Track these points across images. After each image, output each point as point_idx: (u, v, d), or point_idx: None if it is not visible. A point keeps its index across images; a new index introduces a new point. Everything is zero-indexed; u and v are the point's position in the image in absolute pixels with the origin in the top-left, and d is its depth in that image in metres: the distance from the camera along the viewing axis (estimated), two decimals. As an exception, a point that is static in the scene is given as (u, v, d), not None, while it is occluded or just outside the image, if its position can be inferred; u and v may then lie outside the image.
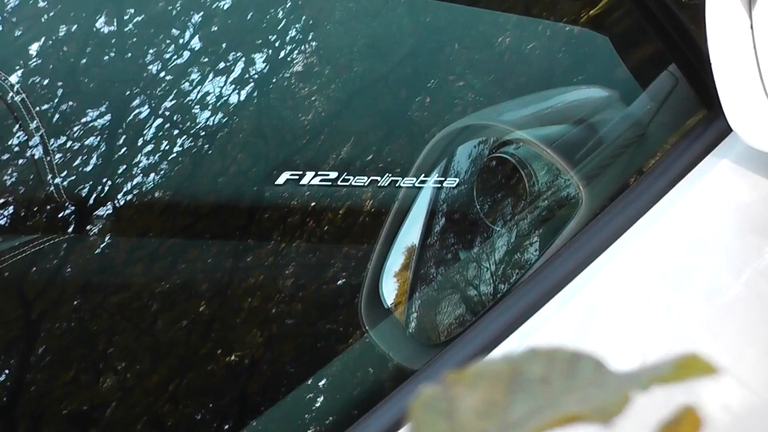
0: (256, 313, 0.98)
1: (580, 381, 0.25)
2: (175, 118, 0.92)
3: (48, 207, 0.88)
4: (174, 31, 0.91)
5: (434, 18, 1.08)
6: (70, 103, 0.87)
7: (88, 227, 0.89)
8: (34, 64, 0.85)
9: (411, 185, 1.03)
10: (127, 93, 0.90)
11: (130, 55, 0.91)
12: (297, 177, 0.95)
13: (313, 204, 0.99)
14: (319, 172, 0.96)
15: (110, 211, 0.89)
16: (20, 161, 0.86)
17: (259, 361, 0.98)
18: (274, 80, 0.99)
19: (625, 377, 0.24)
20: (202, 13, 0.93)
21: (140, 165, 0.91)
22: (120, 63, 0.91)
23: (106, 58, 0.90)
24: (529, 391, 0.24)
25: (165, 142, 0.91)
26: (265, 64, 0.97)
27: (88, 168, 0.89)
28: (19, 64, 0.84)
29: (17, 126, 0.85)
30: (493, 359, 0.25)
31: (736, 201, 0.93)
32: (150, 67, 0.91)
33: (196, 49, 0.94)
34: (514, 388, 0.24)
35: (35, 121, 0.86)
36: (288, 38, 0.98)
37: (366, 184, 0.99)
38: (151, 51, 0.91)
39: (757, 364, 0.90)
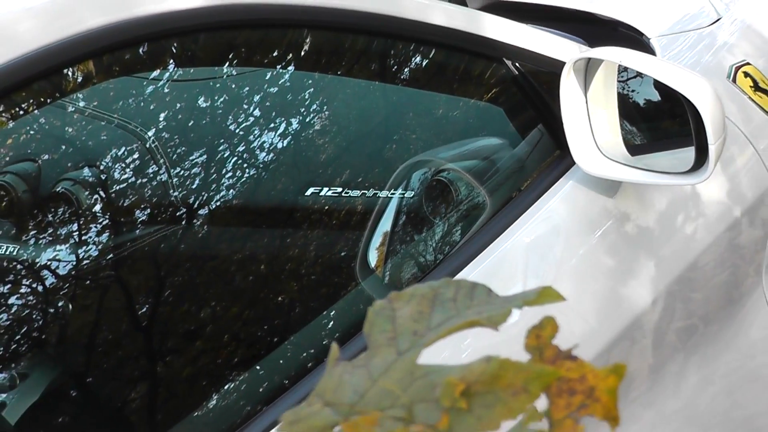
0: (292, 272, 1.07)
1: (476, 301, 0.29)
2: (244, 156, 1.02)
3: (170, 209, 0.98)
4: (244, 105, 1.01)
5: (398, 98, 1.18)
6: (183, 148, 0.99)
7: (194, 221, 0.99)
8: (162, 125, 0.96)
9: (385, 196, 1.12)
10: (216, 142, 1.00)
11: (219, 119, 1.01)
12: (317, 190, 1.05)
13: (326, 207, 1.07)
14: (331, 188, 1.06)
15: (207, 212, 1.00)
16: (154, 182, 0.97)
17: (295, 302, 1.07)
18: (303, 134, 1.07)
19: (506, 299, 0.28)
20: (260, 95, 1.02)
21: (224, 184, 1.00)
22: (212, 124, 1.01)
23: (204, 121, 1.00)
24: (444, 306, 0.29)
25: (238, 171, 1.01)
26: (298, 125, 1.06)
27: (194, 186, 0.99)
28: (153, 124, 0.96)
29: (152, 161, 0.96)
30: (420, 285, 0.30)
31: (577, 205, 1.10)
32: (230, 126, 1.01)
33: (257, 115, 1.03)
34: (435, 303, 0.29)
35: (162, 158, 0.97)
36: (311, 109, 1.07)
37: (359, 195, 1.09)
38: (230, 117, 1.01)
39: (590, 305, 1.07)
